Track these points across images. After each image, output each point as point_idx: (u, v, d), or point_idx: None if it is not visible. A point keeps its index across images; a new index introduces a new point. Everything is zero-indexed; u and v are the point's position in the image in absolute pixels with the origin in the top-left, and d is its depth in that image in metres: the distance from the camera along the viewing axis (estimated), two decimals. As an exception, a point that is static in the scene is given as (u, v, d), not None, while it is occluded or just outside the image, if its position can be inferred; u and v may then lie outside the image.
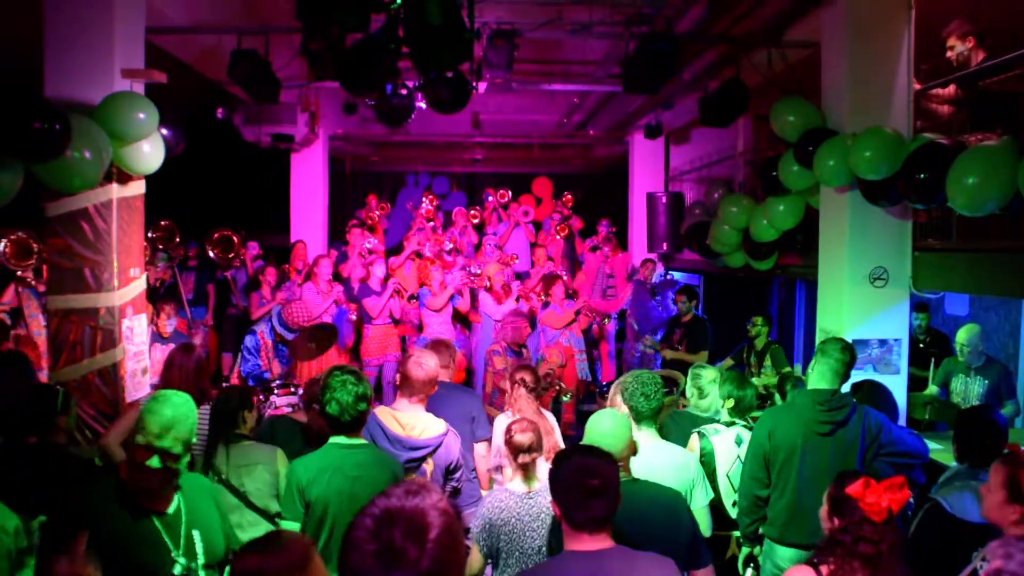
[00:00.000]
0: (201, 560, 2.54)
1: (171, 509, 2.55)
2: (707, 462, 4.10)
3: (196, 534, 2.56)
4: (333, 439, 3.24)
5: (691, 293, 8.39)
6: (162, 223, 7.67)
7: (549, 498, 3.02)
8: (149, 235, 7.18)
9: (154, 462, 2.43)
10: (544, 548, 3.13)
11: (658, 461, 3.49)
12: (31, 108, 3.82)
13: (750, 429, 4.23)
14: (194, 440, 2.58)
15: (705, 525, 3.53)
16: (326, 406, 3.16)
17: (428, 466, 3.62)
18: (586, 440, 2.98)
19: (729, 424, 4.22)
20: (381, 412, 3.68)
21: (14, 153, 3.82)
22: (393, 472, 3.19)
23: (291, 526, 3.11)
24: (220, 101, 8.29)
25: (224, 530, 2.74)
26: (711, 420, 4.32)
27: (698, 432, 4.18)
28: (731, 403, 4.24)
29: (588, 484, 2.30)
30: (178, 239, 7.84)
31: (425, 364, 3.65)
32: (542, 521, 3.18)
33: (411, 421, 3.62)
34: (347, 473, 3.11)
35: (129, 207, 4.89)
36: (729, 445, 4.13)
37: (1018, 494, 2.40)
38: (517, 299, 8.62)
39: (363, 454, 3.21)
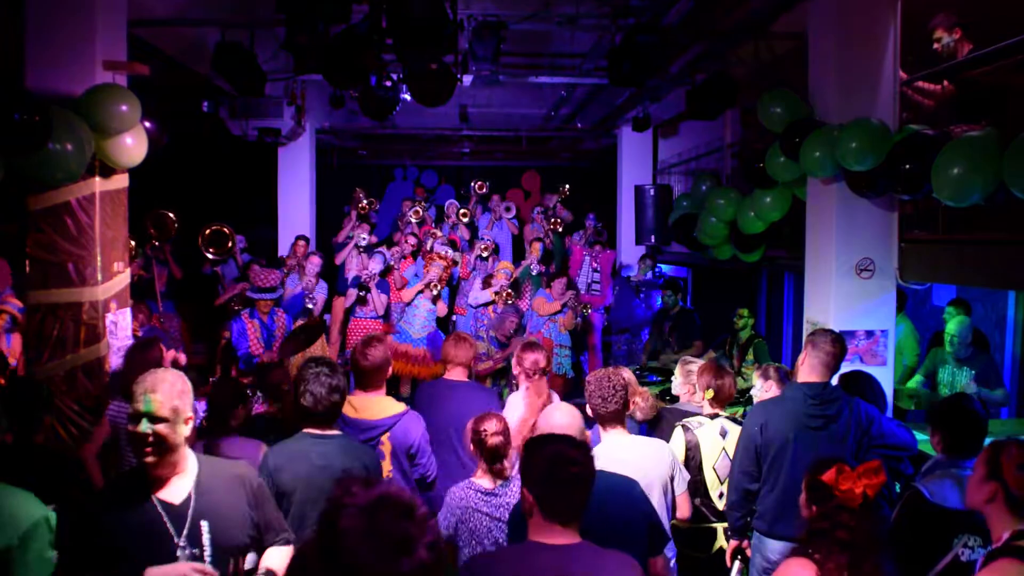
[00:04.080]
0: (209, 550, 2.48)
1: (179, 499, 2.50)
2: (692, 456, 4.10)
3: (204, 524, 2.50)
4: (305, 429, 3.27)
5: (676, 286, 8.39)
6: (170, 214, 7.66)
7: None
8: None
9: (142, 426, 2.40)
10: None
11: (630, 457, 3.41)
12: (11, 100, 3.76)
13: (733, 420, 4.24)
14: (189, 414, 2.50)
15: (686, 508, 3.67)
16: (300, 397, 3.21)
17: (385, 447, 3.70)
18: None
19: (713, 416, 4.23)
20: None
21: (-6, 146, 3.78)
22: (363, 462, 3.23)
23: None
24: (206, 94, 8.22)
25: (257, 521, 2.63)
26: (699, 413, 4.32)
27: (682, 426, 4.18)
28: (711, 393, 4.24)
29: (568, 472, 2.24)
30: (175, 227, 7.79)
31: (371, 355, 3.80)
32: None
33: (364, 404, 3.76)
34: (314, 462, 3.15)
35: (113, 201, 4.84)
36: (714, 437, 4.14)
37: (996, 471, 2.40)
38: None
39: (332, 444, 3.24)
